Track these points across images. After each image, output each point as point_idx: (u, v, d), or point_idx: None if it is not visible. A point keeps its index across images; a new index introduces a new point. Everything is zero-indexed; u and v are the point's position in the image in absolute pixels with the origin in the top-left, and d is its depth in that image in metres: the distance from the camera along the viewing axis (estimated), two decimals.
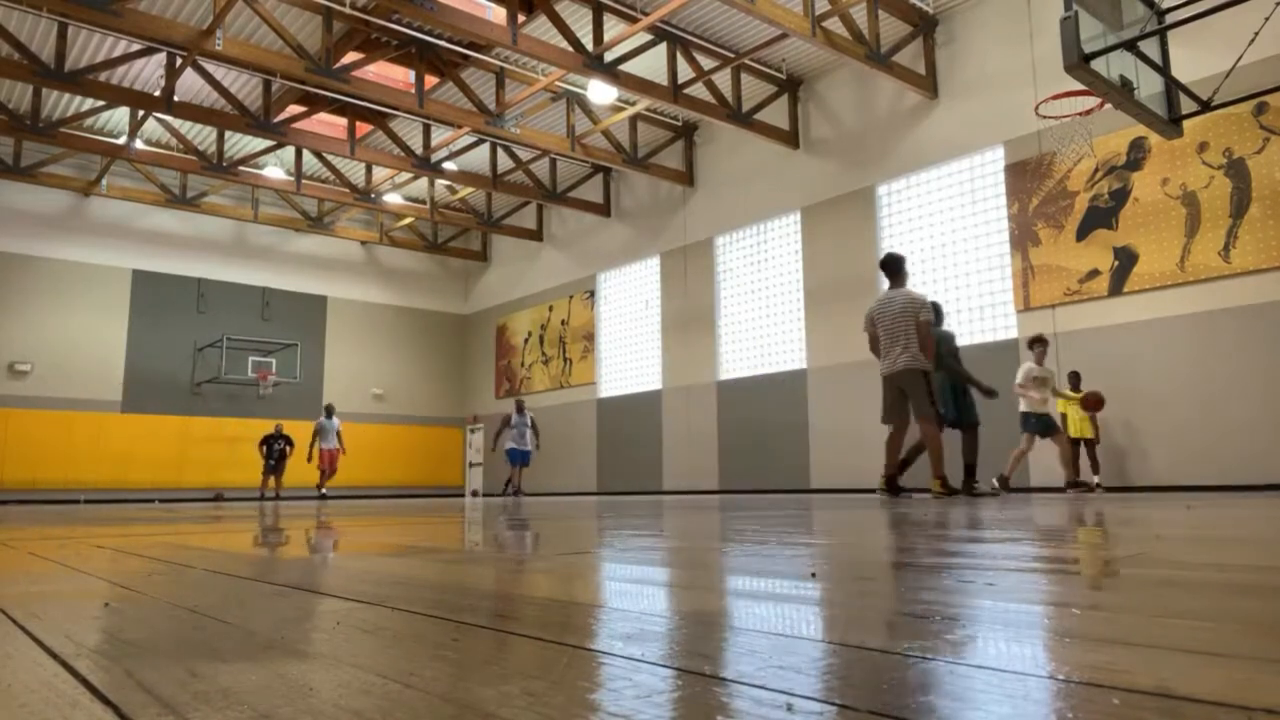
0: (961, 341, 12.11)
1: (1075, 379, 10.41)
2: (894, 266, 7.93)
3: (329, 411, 17.55)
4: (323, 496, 16.99)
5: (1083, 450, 10.35)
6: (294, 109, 15.07)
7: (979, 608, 1.13)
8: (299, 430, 18.38)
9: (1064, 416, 10.29)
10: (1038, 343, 9.70)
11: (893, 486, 7.76)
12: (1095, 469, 10.28)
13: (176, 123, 16.04)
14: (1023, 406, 9.68)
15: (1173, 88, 7.64)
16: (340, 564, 2.13)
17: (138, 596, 1.42)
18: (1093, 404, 9.83)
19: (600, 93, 14.30)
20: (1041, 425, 9.62)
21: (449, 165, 17.04)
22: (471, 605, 1.26)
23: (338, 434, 17.37)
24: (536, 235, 20.51)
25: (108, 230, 18.19)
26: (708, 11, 12.76)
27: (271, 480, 17.01)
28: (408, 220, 20.81)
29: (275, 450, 17.00)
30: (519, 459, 15.79)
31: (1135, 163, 10.51)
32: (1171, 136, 7.81)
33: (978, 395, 8.63)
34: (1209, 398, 9.67)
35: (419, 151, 16.35)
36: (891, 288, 7.89)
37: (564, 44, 12.05)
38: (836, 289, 13.77)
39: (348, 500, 14.31)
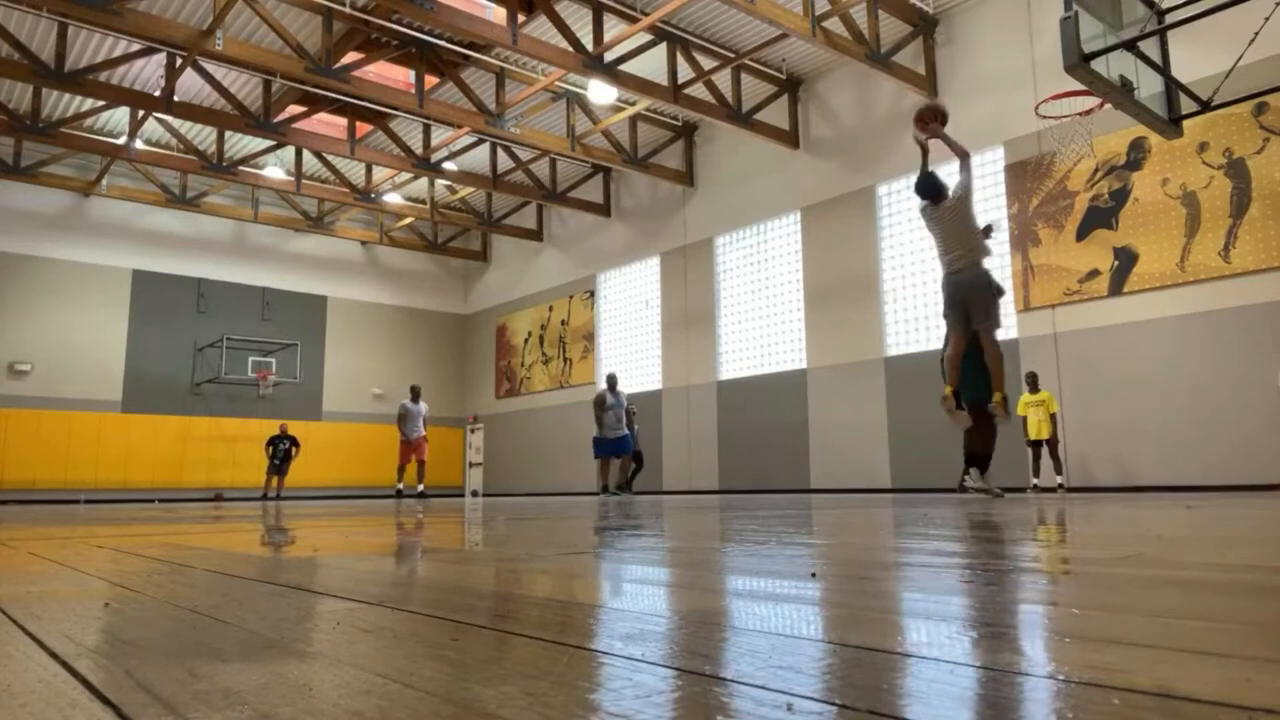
0: None
1: (1033, 380, 10.47)
2: (931, 189, 7.16)
3: (415, 394, 15.31)
4: (421, 494, 14.78)
5: (1044, 452, 10.47)
6: (294, 109, 15.07)
7: (979, 608, 1.13)
8: (299, 430, 18.40)
9: (1024, 420, 10.39)
10: None
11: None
12: (1057, 469, 10.37)
13: (176, 123, 16.03)
14: None
15: (1173, 88, 7.64)
16: (340, 564, 2.13)
17: (138, 596, 1.42)
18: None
19: (600, 93, 14.29)
20: None
21: (449, 165, 17.03)
22: (471, 605, 1.26)
23: (424, 420, 15.26)
24: (536, 235, 20.51)
25: (108, 230, 18.19)
26: (708, 11, 12.76)
27: (274, 480, 17.01)
28: (408, 220, 20.81)
29: (281, 450, 16.98)
30: (610, 449, 13.26)
31: (1135, 163, 10.51)
32: (1171, 137, 7.81)
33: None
34: (1209, 398, 9.66)
35: (419, 151, 16.35)
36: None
37: (564, 44, 12.05)
38: (836, 289, 13.77)
39: (346, 500, 14.31)
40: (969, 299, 7.00)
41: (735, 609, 1.20)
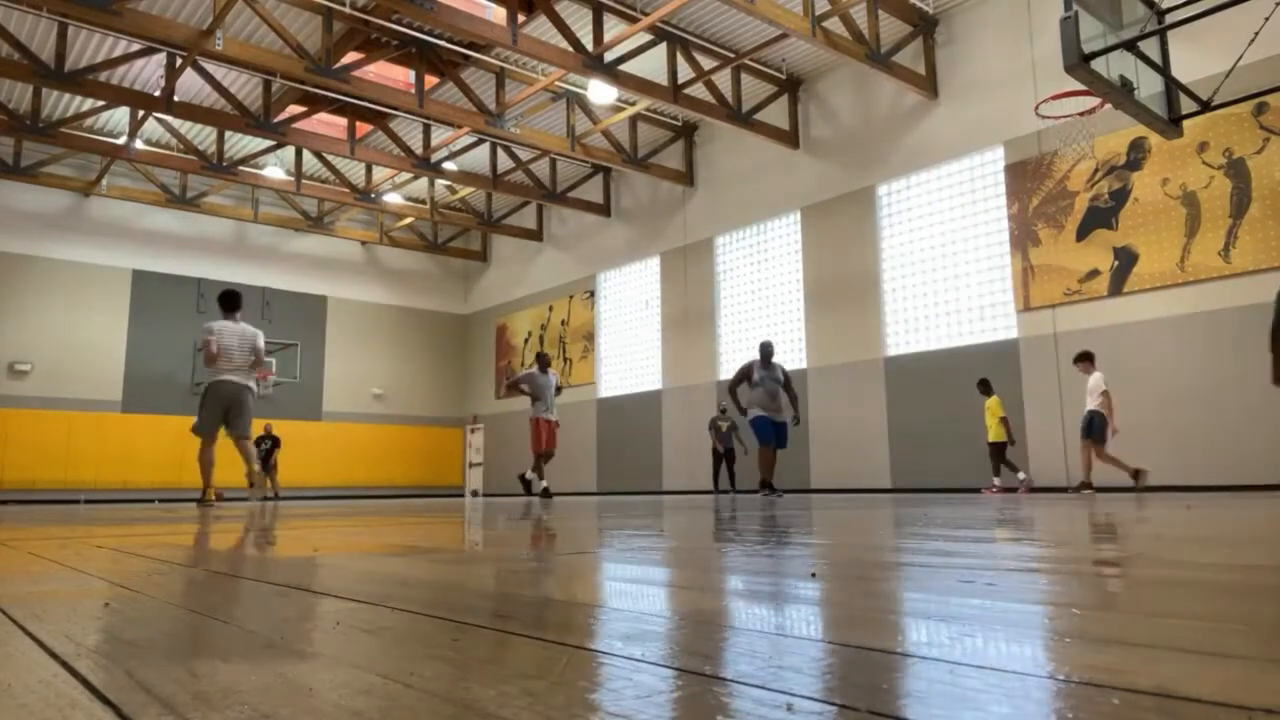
0: (960, 342, 12.14)
1: (985, 386, 10.91)
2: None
3: (544, 362, 11.33)
4: (545, 493, 11.16)
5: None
6: (294, 109, 15.06)
7: (979, 608, 1.13)
8: (299, 430, 18.42)
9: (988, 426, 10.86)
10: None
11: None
12: (1013, 469, 10.77)
13: (176, 123, 16.03)
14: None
15: (1173, 88, 7.64)
16: (340, 564, 2.13)
17: (138, 596, 1.42)
18: None
19: (600, 93, 14.29)
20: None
21: (449, 165, 17.03)
22: (471, 605, 1.26)
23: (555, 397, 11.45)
24: (536, 235, 20.51)
25: (108, 230, 18.19)
26: (708, 11, 12.75)
27: (267, 481, 17.00)
28: (408, 220, 20.81)
29: (262, 451, 16.98)
30: (772, 435, 9.85)
31: (1135, 163, 10.51)
32: (1171, 137, 7.80)
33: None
34: (1209, 398, 9.66)
35: (419, 151, 16.35)
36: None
37: (564, 44, 12.05)
38: (836, 289, 13.76)
39: (346, 501, 14.31)
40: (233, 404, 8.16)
41: (735, 609, 1.20)
